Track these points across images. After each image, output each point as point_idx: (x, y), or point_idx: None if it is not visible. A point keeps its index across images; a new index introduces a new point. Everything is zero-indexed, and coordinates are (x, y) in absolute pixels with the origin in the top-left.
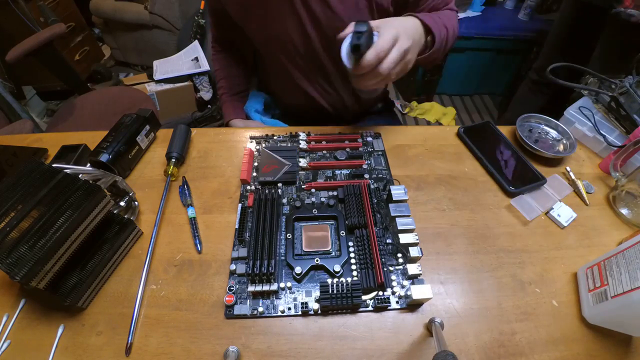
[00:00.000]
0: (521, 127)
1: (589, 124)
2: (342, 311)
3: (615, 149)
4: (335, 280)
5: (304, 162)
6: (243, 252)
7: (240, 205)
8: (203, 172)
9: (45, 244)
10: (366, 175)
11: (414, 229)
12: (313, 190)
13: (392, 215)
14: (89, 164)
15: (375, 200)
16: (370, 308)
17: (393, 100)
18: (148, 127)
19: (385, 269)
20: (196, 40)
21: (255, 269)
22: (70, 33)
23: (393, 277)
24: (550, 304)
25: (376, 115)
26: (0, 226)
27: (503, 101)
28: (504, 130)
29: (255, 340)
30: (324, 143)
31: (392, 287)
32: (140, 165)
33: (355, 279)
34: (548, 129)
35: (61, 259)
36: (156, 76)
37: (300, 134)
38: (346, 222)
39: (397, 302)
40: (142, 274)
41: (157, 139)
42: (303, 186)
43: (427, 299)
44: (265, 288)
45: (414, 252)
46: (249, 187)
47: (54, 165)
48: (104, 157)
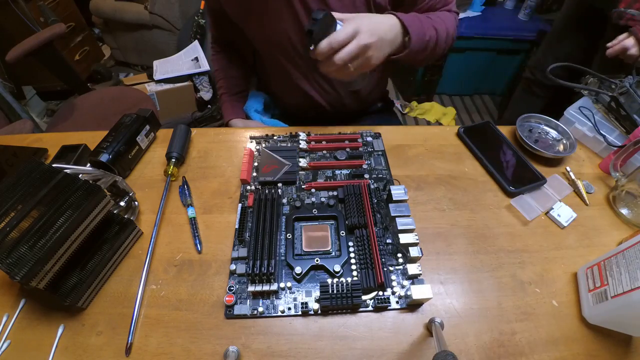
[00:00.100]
0: (521, 127)
1: (589, 124)
2: (342, 311)
3: (615, 149)
4: (335, 280)
5: (304, 162)
6: (243, 252)
7: (240, 205)
8: (203, 172)
9: (45, 244)
10: (366, 175)
11: (414, 229)
12: (313, 190)
13: (392, 215)
14: (89, 164)
15: (375, 200)
16: (370, 308)
17: (393, 100)
18: (148, 127)
19: (385, 269)
20: (196, 40)
21: (255, 269)
22: (70, 33)
23: (393, 277)
24: (550, 304)
25: (376, 115)
26: (0, 226)
27: (503, 101)
28: (504, 130)
29: (255, 340)
30: (324, 143)
31: (392, 287)
32: (140, 165)
33: (355, 279)
34: (548, 129)
35: (61, 259)
36: (156, 76)
37: (300, 134)
38: (346, 222)
39: (397, 302)
40: (142, 274)
41: (157, 139)
42: (303, 186)
43: (427, 299)
44: (265, 288)
45: (414, 252)
46: (249, 187)
47: (54, 165)
48: (104, 157)
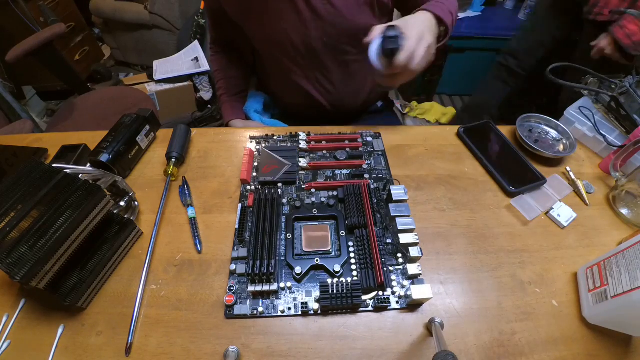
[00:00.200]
0: (521, 127)
1: (589, 124)
2: (342, 311)
3: (615, 149)
4: (335, 280)
5: (304, 162)
6: (243, 252)
7: (240, 205)
8: (203, 172)
9: (45, 244)
10: (366, 175)
11: (414, 229)
12: (313, 190)
13: (392, 215)
14: (89, 164)
15: (375, 200)
16: (370, 308)
17: (393, 100)
18: (148, 127)
19: (385, 269)
20: (196, 40)
21: (255, 269)
22: (70, 33)
23: (393, 277)
24: (550, 304)
25: (376, 115)
26: (0, 226)
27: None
28: (504, 130)
29: (255, 340)
30: (324, 143)
31: (392, 287)
32: (140, 165)
33: (355, 279)
34: (548, 129)
35: (61, 259)
36: (156, 76)
37: (300, 134)
38: (346, 222)
39: (397, 302)
40: (142, 274)
41: (157, 139)
42: (303, 186)
43: (427, 299)
44: (265, 288)
45: (414, 252)
46: (249, 187)
47: (54, 165)
48: (104, 157)
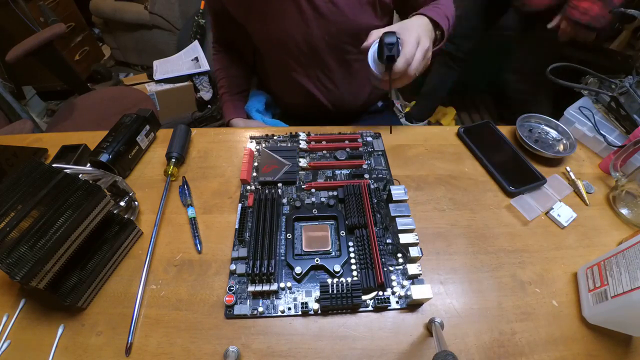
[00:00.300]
0: (521, 127)
1: (589, 124)
2: (342, 311)
3: (615, 149)
4: (335, 280)
5: (304, 162)
6: (243, 252)
7: (240, 205)
8: (203, 172)
9: (45, 244)
10: (366, 175)
11: (414, 229)
12: (313, 190)
13: (392, 215)
14: (89, 164)
15: (375, 200)
16: (370, 308)
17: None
18: (148, 127)
19: (385, 269)
20: (196, 40)
21: (255, 269)
22: (70, 33)
23: (393, 277)
24: (550, 304)
25: (376, 115)
26: (0, 226)
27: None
28: (504, 130)
29: (255, 340)
30: (324, 143)
31: (392, 287)
32: (140, 165)
33: (355, 279)
34: (548, 129)
35: (61, 259)
36: (156, 76)
37: (300, 134)
38: (346, 222)
39: (397, 302)
40: (142, 274)
41: (157, 139)
42: (303, 186)
43: (427, 299)
44: (265, 288)
45: (414, 252)
46: (249, 187)
47: (54, 165)
48: (104, 157)
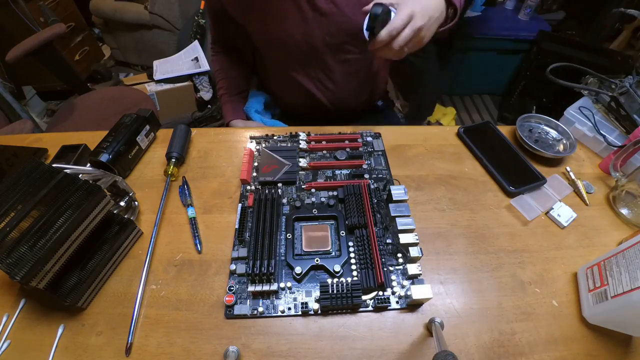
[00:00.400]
0: (521, 127)
1: (589, 124)
2: (342, 311)
3: (615, 149)
4: (335, 280)
5: (304, 162)
6: (243, 252)
7: (240, 205)
8: (203, 172)
9: (45, 244)
10: (366, 175)
11: (414, 229)
12: (313, 190)
13: (392, 215)
14: (89, 164)
15: (375, 200)
16: (370, 308)
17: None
18: (148, 127)
19: (385, 269)
20: (196, 40)
21: (255, 269)
22: (70, 33)
23: (393, 277)
24: (550, 304)
25: (376, 114)
26: (0, 226)
27: (503, 101)
28: (504, 130)
29: (255, 340)
30: (324, 143)
31: (392, 287)
32: (140, 165)
33: (355, 279)
34: (548, 129)
35: (61, 259)
36: (156, 76)
37: (300, 134)
38: (346, 222)
39: (397, 302)
40: (142, 274)
41: (157, 139)
42: (303, 186)
43: (427, 299)
44: (265, 288)
45: (414, 252)
46: (249, 187)
47: (54, 165)
48: (104, 157)
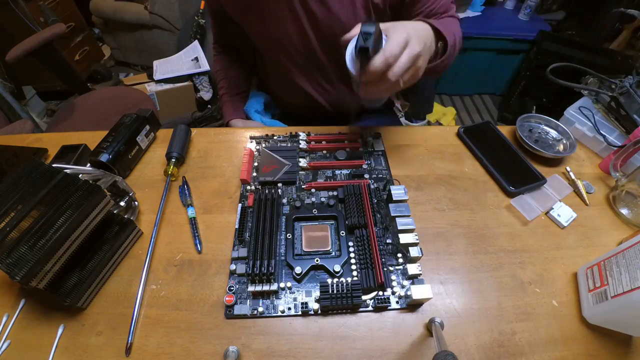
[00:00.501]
0: (521, 127)
1: (589, 124)
2: (342, 311)
3: (615, 149)
4: (335, 280)
5: (304, 162)
6: (243, 252)
7: (240, 205)
8: (203, 172)
9: (45, 244)
10: (366, 175)
11: (414, 229)
12: (313, 190)
13: (392, 215)
14: (89, 164)
15: (375, 200)
16: (370, 308)
17: (393, 100)
18: (148, 127)
19: (385, 269)
20: (196, 40)
21: (255, 269)
22: (70, 33)
23: (393, 277)
24: (550, 304)
25: (376, 115)
26: (0, 226)
27: (503, 101)
28: (504, 130)
29: (255, 340)
30: (324, 143)
31: (392, 287)
32: (140, 165)
33: (355, 279)
34: (548, 129)
35: (61, 259)
36: (156, 76)
37: (300, 134)
38: (346, 222)
39: (397, 302)
40: (142, 274)
41: (157, 139)
42: (303, 186)
43: (427, 299)
44: (265, 288)
45: (414, 252)
46: (249, 187)
47: (54, 165)
48: (104, 157)
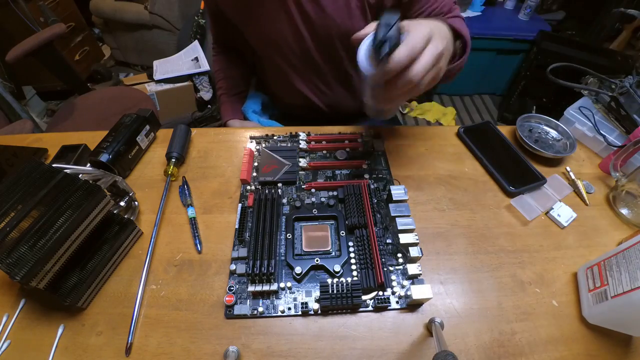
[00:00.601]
0: (521, 127)
1: (589, 124)
2: (342, 311)
3: (615, 149)
4: (335, 280)
5: (304, 162)
6: (243, 252)
7: (240, 205)
8: (203, 172)
9: (45, 244)
10: (366, 175)
11: (414, 229)
12: (313, 190)
13: (392, 215)
14: (89, 164)
15: (375, 200)
16: (370, 308)
17: None
18: (148, 127)
19: (385, 269)
20: (196, 40)
21: (255, 269)
22: (70, 33)
23: (393, 277)
24: (550, 304)
25: None
26: (0, 226)
27: (503, 101)
28: (504, 130)
29: (255, 340)
30: (324, 143)
31: (392, 287)
32: (140, 165)
33: (355, 279)
34: (548, 129)
35: (61, 259)
36: (156, 76)
37: (300, 134)
38: (346, 222)
39: (397, 302)
40: (142, 274)
41: (157, 139)
42: (303, 186)
43: (427, 299)
44: (265, 288)
45: (414, 252)
46: (249, 187)
47: (54, 165)
48: (104, 157)
